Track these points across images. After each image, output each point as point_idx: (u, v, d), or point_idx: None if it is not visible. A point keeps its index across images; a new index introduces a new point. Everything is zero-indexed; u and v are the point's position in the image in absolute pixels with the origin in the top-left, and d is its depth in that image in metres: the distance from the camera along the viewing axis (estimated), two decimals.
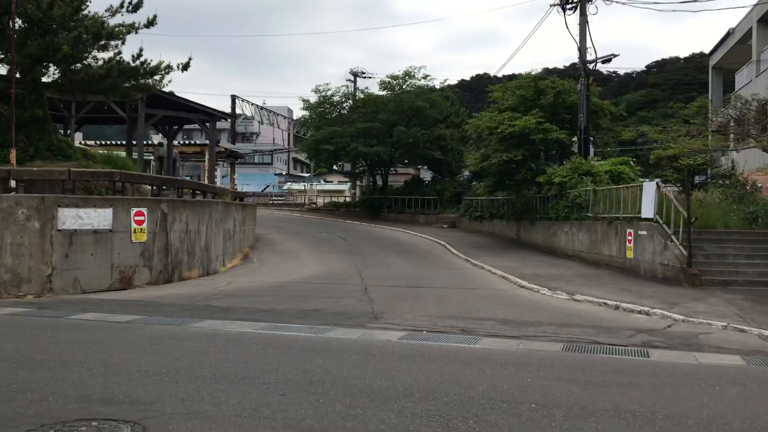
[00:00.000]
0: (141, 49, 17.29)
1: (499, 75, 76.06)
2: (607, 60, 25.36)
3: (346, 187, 58.50)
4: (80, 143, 25.98)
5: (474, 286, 16.14)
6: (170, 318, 10.97)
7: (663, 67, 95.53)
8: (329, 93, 41.71)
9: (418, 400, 6.18)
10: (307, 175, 78.08)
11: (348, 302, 13.24)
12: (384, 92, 40.12)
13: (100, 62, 17.31)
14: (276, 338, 9.43)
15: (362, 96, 42.42)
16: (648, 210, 17.02)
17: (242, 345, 8.83)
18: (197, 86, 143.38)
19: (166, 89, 20.24)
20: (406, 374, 7.21)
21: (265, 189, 67.82)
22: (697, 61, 78.71)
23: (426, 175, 49.04)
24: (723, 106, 21.44)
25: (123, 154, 22.72)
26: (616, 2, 26.15)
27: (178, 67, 17.59)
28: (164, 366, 7.33)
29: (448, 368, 7.59)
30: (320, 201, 55.30)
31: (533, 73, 29.65)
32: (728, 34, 33.58)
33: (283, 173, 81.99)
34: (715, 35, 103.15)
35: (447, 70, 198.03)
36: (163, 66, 17.53)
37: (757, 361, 8.64)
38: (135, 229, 14.95)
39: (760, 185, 22.53)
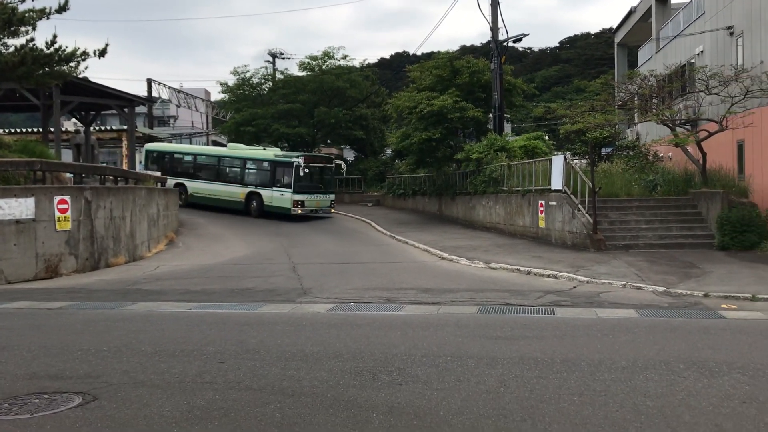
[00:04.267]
0: (55, 36, 16.97)
1: (418, 53, 76.93)
2: (518, 39, 26.47)
3: None
4: None
5: (398, 260, 16.88)
6: (102, 302, 11.20)
7: (575, 43, 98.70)
8: (248, 75, 41.55)
9: (347, 360, 6.82)
10: None
11: (277, 280, 13.72)
12: (304, 73, 40.27)
13: (12, 49, 16.96)
14: (210, 315, 9.87)
15: (282, 77, 42.37)
16: (557, 182, 18.16)
17: (178, 323, 9.25)
18: (113, 69, 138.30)
19: (82, 75, 19.94)
20: (336, 340, 7.84)
21: None
22: (607, 36, 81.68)
23: (349, 154, 49.54)
24: (625, 83, 22.81)
25: (37, 141, 22.26)
26: None
27: (94, 53, 17.37)
28: (104, 344, 7.70)
29: (374, 333, 8.26)
30: None
31: (450, 51, 30.58)
32: (630, 12, 35.34)
33: None
34: (620, 12, 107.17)
35: (366, 48, 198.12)
36: (78, 52, 17.28)
37: (648, 313, 9.69)
38: (59, 218, 14.92)
39: (661, 155, 24.20)
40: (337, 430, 4.84)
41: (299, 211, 27.32)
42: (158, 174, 30.25)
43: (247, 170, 29.51)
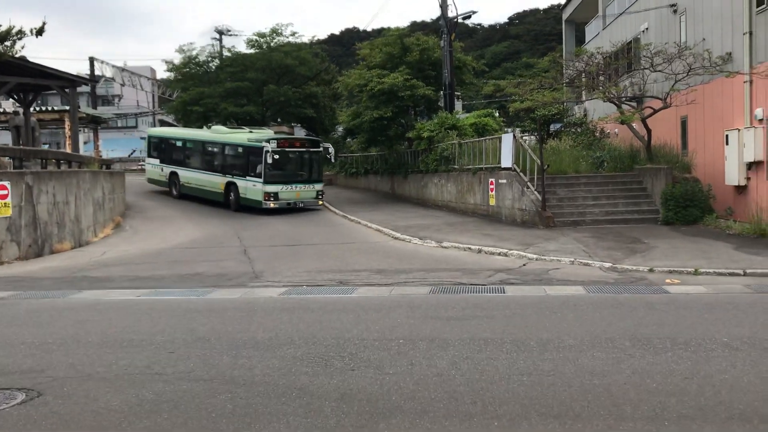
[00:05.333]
0: None
1: (369, 29, 76.56)
2: (467, 16, 26.69)
3: None
4: None
5: (351, 241, 16.86)
6: (47, 291, 10.91)
7: (524, 19, 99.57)
8: (194, 53, 40.50)
9: (299, 345, 6.80)
10: None
11: (228, 264, 13.57)
12: (252, 50, 39.56)
13: None
14: (159, 302, 9.70)
15: (229, 55, 41.52)
16: (507, 160, 18.33)
17: (126, 311, 9.06)
18: (54, 47, 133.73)
19: (19, 54, 19.19)
20: (288, 325, 7.80)
21: (131, 154, 65.23)
22: (556, 12, 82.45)
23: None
24: (572, 60, 23.08)
25: None
26: None
27: (31, 32, 16.77)
28: (49, 336, 7.50)
29: (327, 317, 8.24)
30: None
31: (401, 28, 30.44)
32: None
33: None
34: None
35: (316, 23, 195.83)
36: (14, 31, 16.67)
37: (595, 289, 9.91)
38: None
39: (607, 132, 24.64)
40: (289, 420, 4.82)
41: (271, 205, 23.51)
42: (157, 162, 29.76)
43: (225, 157, 26.16)
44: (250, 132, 26.43)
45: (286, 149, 24.19)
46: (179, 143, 29.21)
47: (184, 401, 5.24)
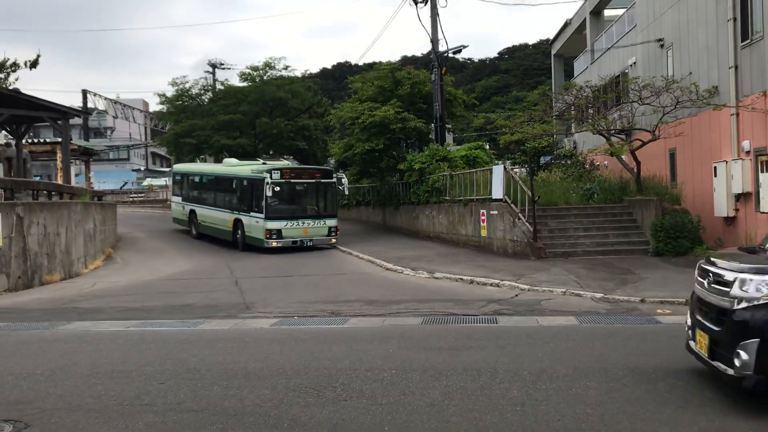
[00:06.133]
0: None
1: (360, 63, 77.23)
2: (457, 51, 26.79)
3: None
4: None
5: (342, 272, 16.83)
6: (36, 323, 10.78)
7: (513, 54, 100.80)
8: (187, 86, 40.81)
9: (291, 376, 6.75)
10: (168, 169, 75.78)
11: (219, 295, 13.49)
12: (245, 83, 39.84)
13: None
14: (149, 334, 9.62)
15: (222, 88, 41.81)
16: (498, 191, 18.43)
17: (115, 342, 8.98)
18: (48, 79, 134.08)
19: (12, 87, 19.25)
20: (279, 356, 7.75)
21: (123, 186, 65.24)
22: (544, 47, 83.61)
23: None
24: (561, 93, 23.40)
25: None
26: None
27: (26, 64, 16.87)
28: (37, 367, 7.41)
29: (318, 347, 8.19)
30: None
31: (392, 62, 30.78)
32: (566, 25, 36.27)
33: (142, 168, 79.08)
34: (556, 24, 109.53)
35: (308, 58, 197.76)
36: (8, 63, 16.76)
37: (587, 320, 9.91)
38: None
39: (597, 164, 24.86)
40: None
41: (274, 243, 20.95)
42: (179, 199, 28.19)
43: (233, 192, 23.71)
44: (263, 163, 24.29)
45: (292, 180, 21.77)
46: (197, 179, 27.47)
47: None
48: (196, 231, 26.33)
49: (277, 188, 21.09)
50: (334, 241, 22.27)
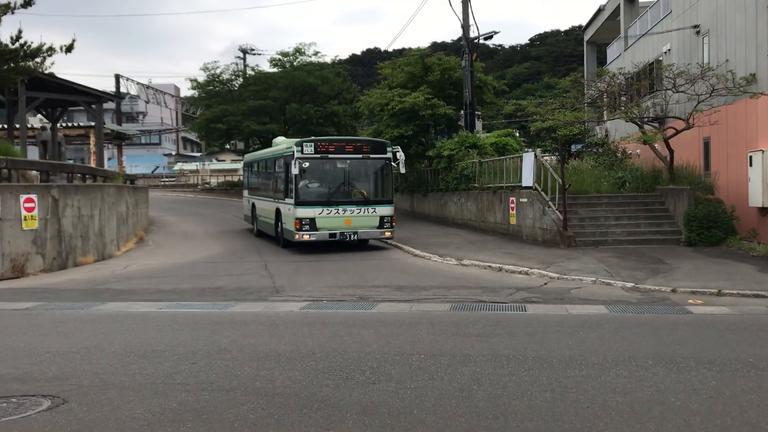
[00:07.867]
0: (20, 31, 16.69)
1: (390, 49, 77.05)
2: (488, 37, 26.65)
3: (240, 165, 57.99)
4: None
5: (370, 257, 16.88)
6: (71, 303, 11.03)
7: (545, 40, 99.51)
8: (218, 71, 41.19)
9: (320, 359, 6.81)
10: (198, 154, 76.57)
11: (249, 279, 13.64)
12: (275, 69, 40.03)
13: None
14: (181, 315, 9.78)
15: (253, 73, 42.06)
16: (528, 179, 18.30)
17: (148, 323, 9.14)
18: (80, 64, 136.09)
19: (48, 71, 19.59)
20: (309, 338, 7.83)
21: (155, 170, 66.11)
22: (576, 34, 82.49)
23: None
24: (594, 80, 23.08)
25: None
26: None
27: (61, 49, 17.10)
28: (73, 346, 7.59)
29: (347, 331, 8.26)
30: (214, 181, 54.63)
31: (422, 48, 30.64)
32: (599, 11, 35.70)
33: (173, 153, 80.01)
34: (589, 10, 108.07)
35: (338, 44, 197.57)
36: (45, 48, 17.00)
37: (617, 309, 9.83)
38: (25, 216, 14.65)
39: (629, 152, 24.52)
40: (311, 431, 4.83)
41: (306, 237, 16.90)
42: (246, 193, 24.72)
43: (276, 176, 19.75)
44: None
45: (329, 155, 17.28)
46: (255, 166, 23.75)
47: (207, 411, 5.27)
48: (255, 228, 22.61)
49: (307, 164, 16.92)
50: (388, 234, 17.82)
